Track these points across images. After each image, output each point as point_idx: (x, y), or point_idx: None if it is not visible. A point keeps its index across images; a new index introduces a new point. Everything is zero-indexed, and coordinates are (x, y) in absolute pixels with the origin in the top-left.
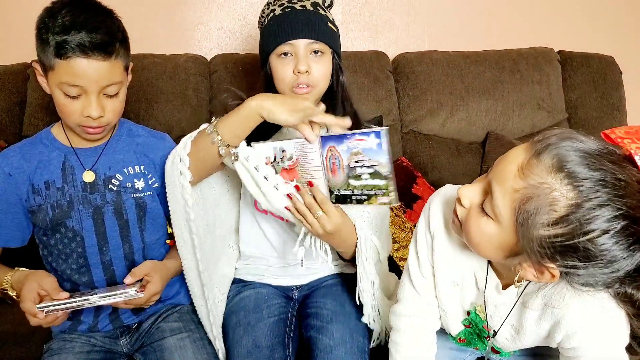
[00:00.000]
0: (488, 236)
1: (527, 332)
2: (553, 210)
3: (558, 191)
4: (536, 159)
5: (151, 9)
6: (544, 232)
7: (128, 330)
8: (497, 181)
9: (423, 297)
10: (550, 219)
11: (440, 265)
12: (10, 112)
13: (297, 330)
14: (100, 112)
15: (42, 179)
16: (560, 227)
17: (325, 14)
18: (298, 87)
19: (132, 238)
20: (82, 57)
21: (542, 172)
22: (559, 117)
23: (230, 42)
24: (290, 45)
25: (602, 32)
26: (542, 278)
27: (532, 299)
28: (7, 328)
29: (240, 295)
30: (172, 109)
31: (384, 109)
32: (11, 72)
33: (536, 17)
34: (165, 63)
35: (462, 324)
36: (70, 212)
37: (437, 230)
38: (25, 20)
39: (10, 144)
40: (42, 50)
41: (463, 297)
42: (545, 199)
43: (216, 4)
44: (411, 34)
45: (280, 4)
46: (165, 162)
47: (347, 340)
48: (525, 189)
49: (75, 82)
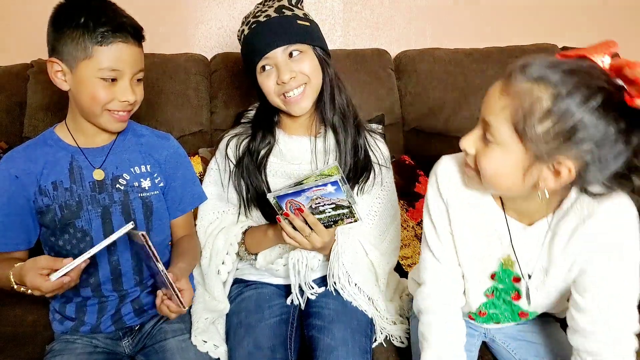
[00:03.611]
0: (502, 162)
1: (555, 270)
2: (540, 106)
3: (537, 90)
4: (510, 78)
5: (151, 8)
6: (542, 127)
7: (130, 332)
8: (488, 112)
9: (445, 265)
10: (542, 114)
11: (458, 229)
12: (10, 113)
13: (298, 330)
14: (135, 96)
15: (49, 179)
16: (552, 117)
17: (293, 13)
18: (286, 97)
19: None
20: (124, 43)
21: (518, 84)
22: None
23: (230, 41)
24: (267, 59)
25: (606, 28)
26: (561, 178)
27: (563, 223)
28: (8, 330)
29: (242, 296)
30: (173, 109)
31: (385, 107)
32: (11, 73)
33: (539, 14)
34: (165, 63)
35: (484, 295)
36: (80, 212)
37: (450, 195)
38: (25, 21)
39: (10, 144)
40: (70, 42)
41: (488, 256)
42: (530, 101)
43: (216, 3)
44: (413, 32)
45: (247, 22)
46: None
47: (348, 340)
48: (511, 103)
49: (116, 67)
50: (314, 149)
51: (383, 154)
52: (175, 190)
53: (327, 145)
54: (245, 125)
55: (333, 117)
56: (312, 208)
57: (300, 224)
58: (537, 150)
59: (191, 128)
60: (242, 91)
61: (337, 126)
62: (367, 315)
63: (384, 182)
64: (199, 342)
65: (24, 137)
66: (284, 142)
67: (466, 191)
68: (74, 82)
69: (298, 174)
